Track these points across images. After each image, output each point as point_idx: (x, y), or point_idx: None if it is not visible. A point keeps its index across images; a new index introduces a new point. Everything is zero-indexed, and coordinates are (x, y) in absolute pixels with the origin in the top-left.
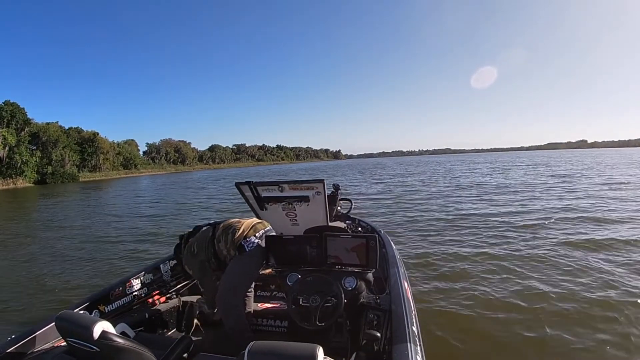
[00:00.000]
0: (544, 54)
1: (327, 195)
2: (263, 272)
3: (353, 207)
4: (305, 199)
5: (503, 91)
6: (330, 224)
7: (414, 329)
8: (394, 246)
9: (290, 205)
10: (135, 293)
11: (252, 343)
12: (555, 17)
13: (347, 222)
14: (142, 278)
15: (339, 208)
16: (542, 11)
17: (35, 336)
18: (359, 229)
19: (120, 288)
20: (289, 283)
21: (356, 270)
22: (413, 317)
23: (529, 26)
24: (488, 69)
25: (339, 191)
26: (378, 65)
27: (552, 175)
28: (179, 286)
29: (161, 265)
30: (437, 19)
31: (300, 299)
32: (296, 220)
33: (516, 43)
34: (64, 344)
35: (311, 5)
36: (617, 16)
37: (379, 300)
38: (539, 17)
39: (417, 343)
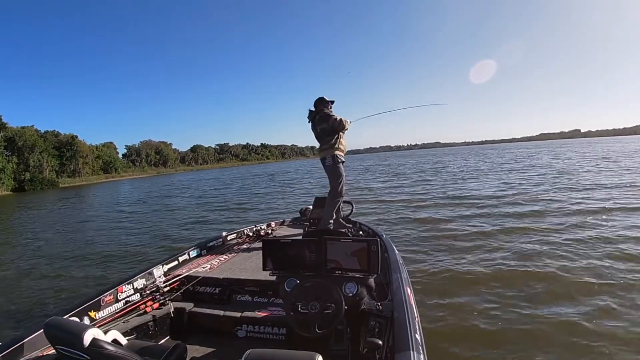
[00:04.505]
0: (539, 46)
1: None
2: (260, 277)
3: (354, 210)
4: None
5: (493, 85)
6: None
7: (417, 336)
8: (396, 251)
9: None
10: (127, 299)
11: (248, 351)
12: (554, 9)
13: (347, 225)
14: (134, 283)
15: None
16: (541, 3)
17: (22, 344)
18: (360, 232)
19: (112, 294)
20: (287, 289)
21: (357, 276)
22: (416, 324)
23: (527, 19)
24: (487, 62)
25: None
26: (362, 58)
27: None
28: (172, 292)
29: (154, 270)
30: (434, 15)
31: (299, 306)
32: None
33: (513, 36)
34: (52, 352)
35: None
36: (615, 9)
37: (380, 307)
38: (537, 9)
39: (420, 351)
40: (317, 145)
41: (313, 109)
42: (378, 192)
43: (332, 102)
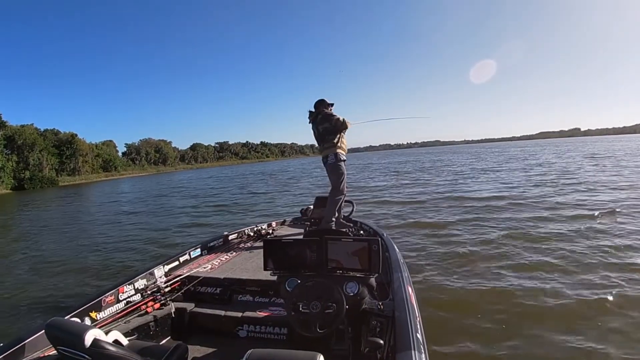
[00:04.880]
0: (539, 46)
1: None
2: (261, 277)
3: (355, 209)
4: None
5: (493, 84)
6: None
7: (419, 336)
8: (397, 250)
9: None
10: (129, 299)
11: (250, 351)
12: (554, 9)
13: (348, 224)
14: (135, 284)
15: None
16: (541, 3)
17: (24, 344)
18: (361, 232)
19: (113, 294)
20: (288, 288)
21: (358, 275)
22: (417, 323)
23: (527, 19)
24: (487, 62)
25: None
26: (362, 58)
27: None
28: (173, 292)
29: (155, 270)
30: (434, 15)
31: (300, 305)
32: None
33: (513, 36)
34: (54, 352)
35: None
36: (615, 9)
37: (381, 306)
38: (537, 9)
39: (422, 351)
40: (317, 144)
41: (313, 110)
42: (376, 192)
43: (332, 104)
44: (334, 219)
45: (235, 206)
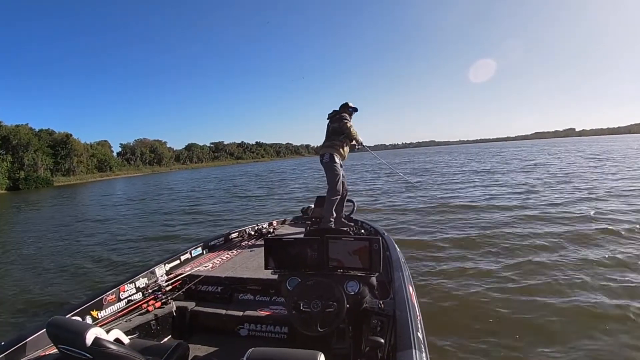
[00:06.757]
0: (536, 46)
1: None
2: (262, 276)
3: (356, 208)
4: None
5: (490, 84)
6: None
7: (419, 335)
8: (398, 249)
9: None
10: (130, 298)
11: (251, 350)
12: (550, 10)
13: (349, 224)
14: (136, 282)
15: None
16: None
17: (25, 343)
18: (362, 231)
19: (114, 293)
20: (289, 287)
21: (359, 274)
22: (418, 322)
23: (524, 19)
24: (485, 61)
25: None
26: (359, 60)
27: None
28: (174, 291)
29: (156, 269)
30: (434, 16)
31: (301, 304)
32: None
33: (511, 36)
34: (55, 351)
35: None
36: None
37: (382, 305)
38: (533, 10)
39: (423, 349)
40: (312, 144)
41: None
42: (370, 197)
43: (355, 109)
44: (332, 218)
45: (211, 214)
